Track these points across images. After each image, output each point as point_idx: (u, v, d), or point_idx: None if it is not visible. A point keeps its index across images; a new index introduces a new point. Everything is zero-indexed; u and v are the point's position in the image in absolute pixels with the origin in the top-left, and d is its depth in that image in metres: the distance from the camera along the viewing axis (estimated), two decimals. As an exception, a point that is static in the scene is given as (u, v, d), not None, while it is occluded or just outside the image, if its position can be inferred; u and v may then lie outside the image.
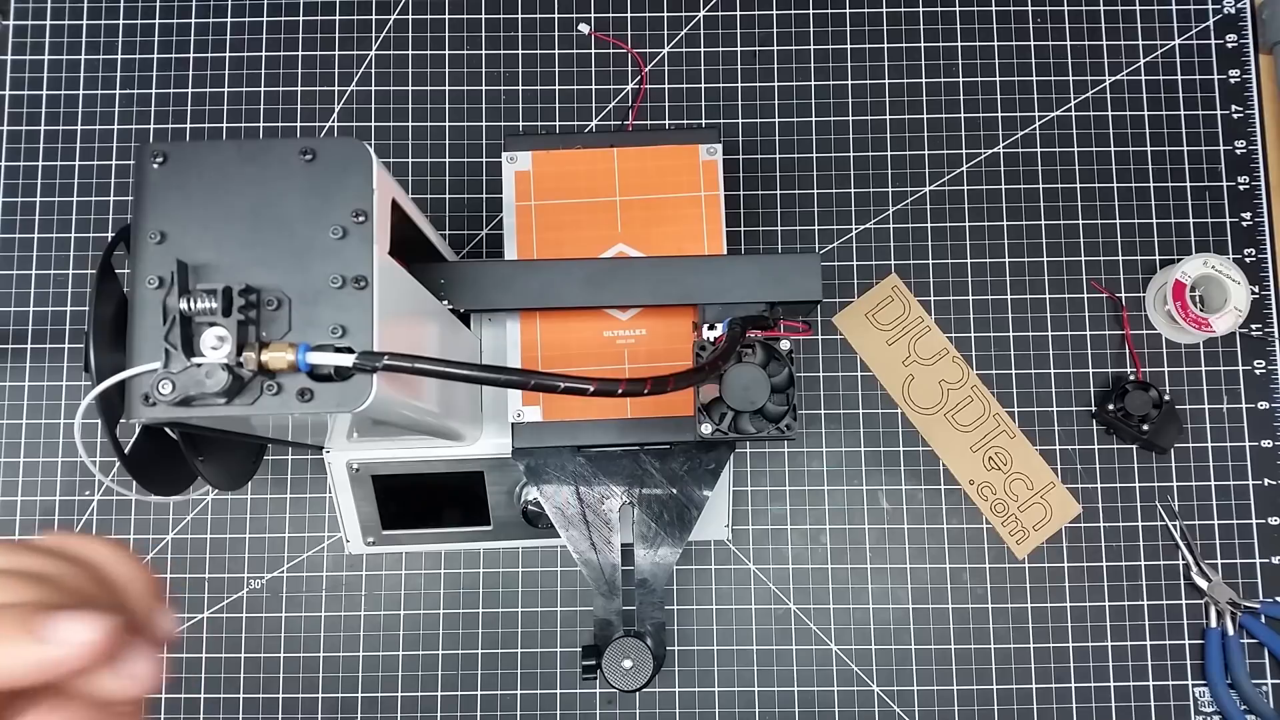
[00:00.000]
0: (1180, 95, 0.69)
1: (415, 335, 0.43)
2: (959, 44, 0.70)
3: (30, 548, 0.25)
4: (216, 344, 0.35)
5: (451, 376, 0.36)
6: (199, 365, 0.34)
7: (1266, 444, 0.66)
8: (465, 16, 0.70)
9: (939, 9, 0.70)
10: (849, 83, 0.69)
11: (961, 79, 0.70)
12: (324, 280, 0.36)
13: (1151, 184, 0.68)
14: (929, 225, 0.68)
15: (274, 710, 0.63)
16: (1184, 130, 0.69)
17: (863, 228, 0.68)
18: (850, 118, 0.69)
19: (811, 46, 0.70)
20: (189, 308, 0.35)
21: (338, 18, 0.70)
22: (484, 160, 0.69)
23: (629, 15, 0.70)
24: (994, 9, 0.70)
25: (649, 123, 0.69)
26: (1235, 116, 0.69)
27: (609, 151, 0.57)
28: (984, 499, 0.65)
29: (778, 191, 0.69)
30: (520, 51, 0.70)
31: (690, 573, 0.65)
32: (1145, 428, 0.63)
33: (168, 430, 0.42)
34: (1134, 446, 0.66)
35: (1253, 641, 0.64)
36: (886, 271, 0.68)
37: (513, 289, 0.52)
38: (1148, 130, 0.69)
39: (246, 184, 0.37)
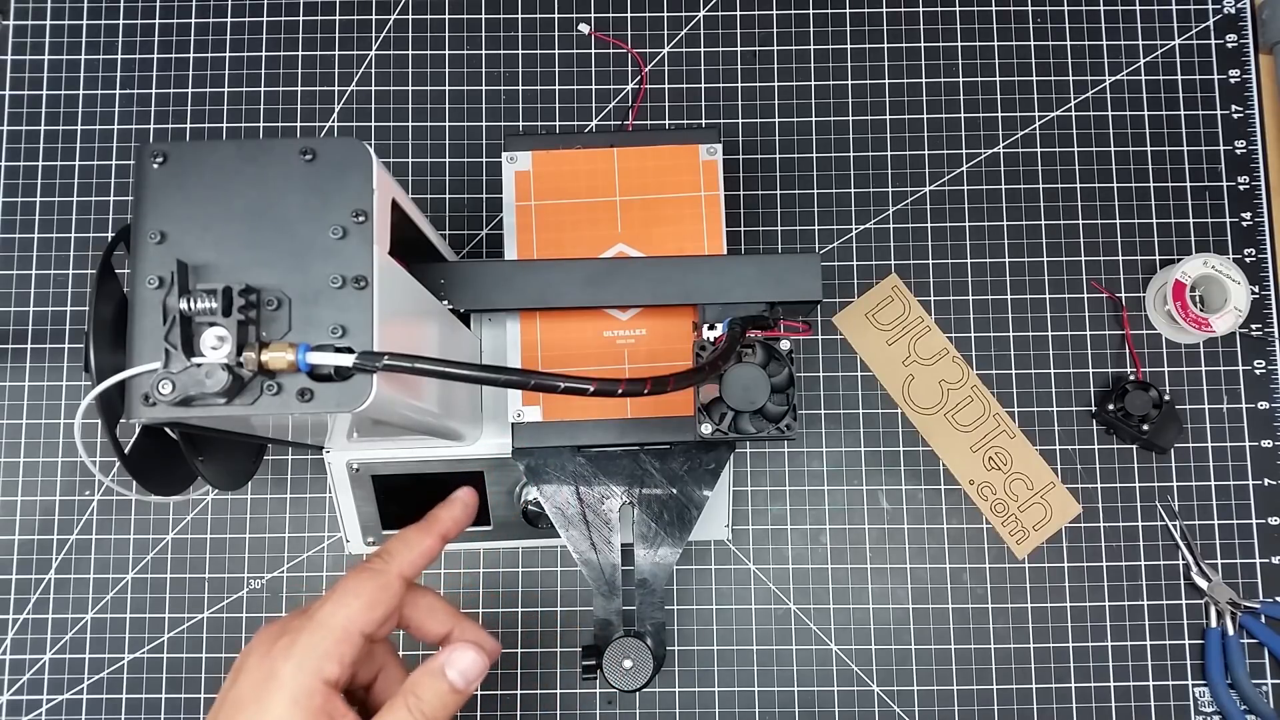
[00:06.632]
0: (1180, 95, 0.69)
1: (415, 335, 0.43)
2: (959, 44, 0.70)
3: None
4: (216, 344, 0.35)
5: (451, 376, 0.36)
6: (199, 365, 0.34)
7: (1266, 444, 0.66)
8: (465, 16, 0.70)
9: (939, 9, 0.70)
10: (849, 83, 0.69)
11: (961, 79, 0.70)
12: (324, 280, 0.36)
13: (1151, 184, 0.68)
14: (929, 225, 0.68)
15: (274, 710, 0.63)
16: (1184, 130, 0.69)
17: (863, 228, 0.68)
18: (850, 118, 0.69)
19: (811, 46, 0.70)
20: (189, 308, 0.34)
21: (338, 18, 0.70)
22: (484, 160, 0.69)
23: (629, 15, 0.70)
24: (994, 9, 0.70)
25: (649, 123, 0.69)
26: (1235, 116, 0.69)
27: (609, 151, 0.57)
28: (984, 499, 0.65)
29: (778, 191, 0.68)
30: (520, 51, 0.70)
31: (690, 573, 0.65)
32: (1145, 428, 0.63)
33: (168, 430, 0.42)
34: (1134, 446, 0.66)
35: (1253, 641, 0.64)
36: (886, 271, 0.68)
37: (513, 289, 0.52)
38: (1148, 130, 0.69)
39: (246, 184, 0.37)
